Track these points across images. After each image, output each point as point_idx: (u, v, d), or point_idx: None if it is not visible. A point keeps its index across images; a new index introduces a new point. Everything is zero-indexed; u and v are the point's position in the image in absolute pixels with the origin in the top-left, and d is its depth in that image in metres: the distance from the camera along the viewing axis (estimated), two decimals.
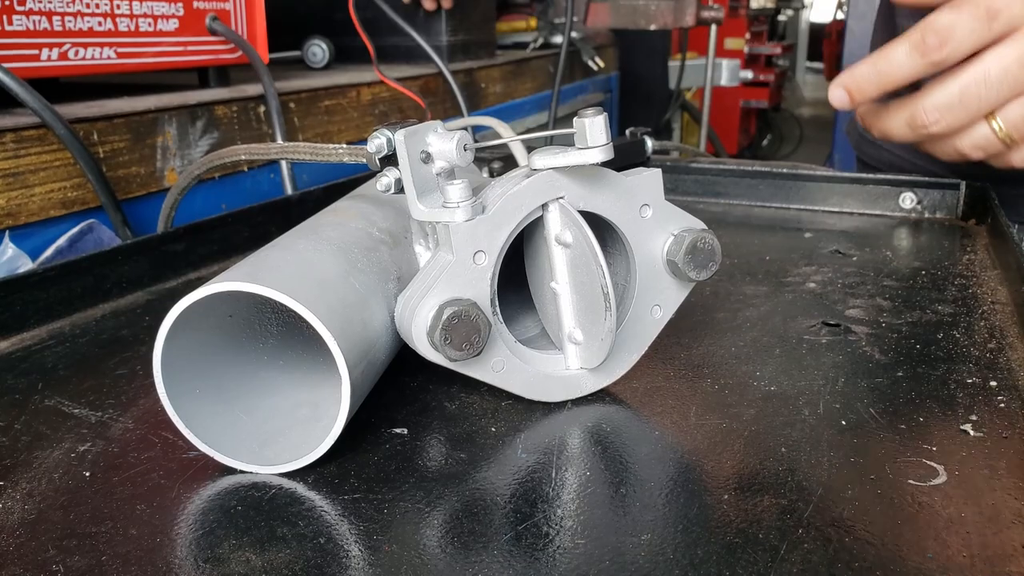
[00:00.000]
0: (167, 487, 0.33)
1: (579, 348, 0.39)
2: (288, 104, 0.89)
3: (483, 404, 0.39)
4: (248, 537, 0.29)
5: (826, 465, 0.33)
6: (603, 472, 0.34)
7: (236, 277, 0.32)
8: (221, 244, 0.63)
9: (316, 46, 1.13)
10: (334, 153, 0.42)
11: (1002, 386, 0.39)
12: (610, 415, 0.38)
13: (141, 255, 0.57)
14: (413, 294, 0.36)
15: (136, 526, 0.30)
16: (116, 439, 0.37)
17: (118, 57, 0.72)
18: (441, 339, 0.34)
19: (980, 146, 0.52)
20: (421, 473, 0.33)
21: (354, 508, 0.31)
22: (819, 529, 0.29)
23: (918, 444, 0.34)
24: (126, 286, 0.56)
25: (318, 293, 0.33)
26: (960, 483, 0.31)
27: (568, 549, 0.28)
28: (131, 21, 0.72)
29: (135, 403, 0.40)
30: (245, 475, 0.33)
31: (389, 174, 0.38)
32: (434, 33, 1.22)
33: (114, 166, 0.69)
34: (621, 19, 1.69)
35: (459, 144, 0.36)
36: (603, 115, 0.35)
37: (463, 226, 0.35)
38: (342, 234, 0.40)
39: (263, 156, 0.49)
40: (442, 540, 0.29)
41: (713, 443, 0.35)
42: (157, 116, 0.73)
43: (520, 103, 1.45)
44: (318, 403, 0.37)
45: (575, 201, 0.37)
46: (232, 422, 0.35)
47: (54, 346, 0.47)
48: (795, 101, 5.91)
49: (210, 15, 0.80)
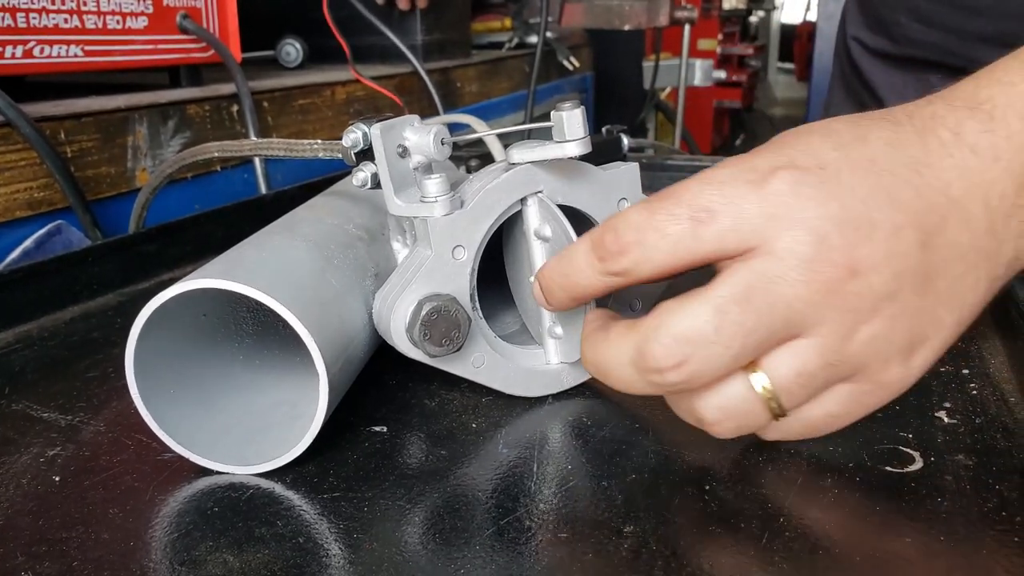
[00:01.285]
0: (141, 490, 0.32)
1: (559, 343, 0.38)
2: (262, 103, 0.88)
3: (463, 400, 0.39)
4: (225, 539, 0.29)
5: (805, 454, 0.33)
6: (584, 465, 0.33)
7: (210, 274, 0.32)
8: (194, 244, 0.62)
9: (290, 45, 1.12)
10: (309, 149, 0.42)
11: (974, 374, 0.40)
12: (591, 409, 0.38)
13: (112, 256, 0.56)
14: (391, 290, 0.36)
15: (109, 530, 0.30)
16: (87, 443, 0.36)
17: (85, 55, 0.70)
18: (420, 335, 0.34)
19: (730, 410, 0.30)
20: (401, 470, 0.33)
21: (334, 507, 0.31)
22: (800, 516, 0.29)
23: (894, 431, 0.35)
24: (96, 288, 0.55)
25: (294, 290, 0.33)
26: (936, 469, 0.32)
27: (551, 543, 0.28)
28: (98, 18, 0.71)
29: (107, 406, 0.39)
30: (222, 476, 0.33)
31: (365, 169, 0.37)
32: (409, 32, 1.21)
33: (83, 166, 0.68)
34: (595, 19, 1.69)
35: (436, 138, 0.36)
36: (580, 108, 0.34)
37: (442, 221, 0.35)
38: (318, 230, 0.39)
39: (236, 153, 0.49)
40: (423, 537, 0.29)
41: (692, 434, 0.35)
42: (127, 115, 0.72)
43: (496, 102, 1.45)
44: (296, 402, 0.36)
45: (553, 195, 0.37)
46: (208, 423, 0.34)
47: (21, 349, 0.46)
48: (767, 101, 5.97)
49: (181, 13, 0.79)
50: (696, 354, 0.28)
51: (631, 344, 0.29)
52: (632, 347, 0.29)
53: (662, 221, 0.29)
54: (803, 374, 0.28)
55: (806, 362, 0.28)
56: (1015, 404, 0.37)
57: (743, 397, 0.29)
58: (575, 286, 0.32)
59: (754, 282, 0.28)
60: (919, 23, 0.76)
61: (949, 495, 0.30)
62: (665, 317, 0.28)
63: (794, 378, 0.29)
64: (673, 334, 0.28)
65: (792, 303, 0.27)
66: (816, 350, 0.28)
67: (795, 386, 0.29)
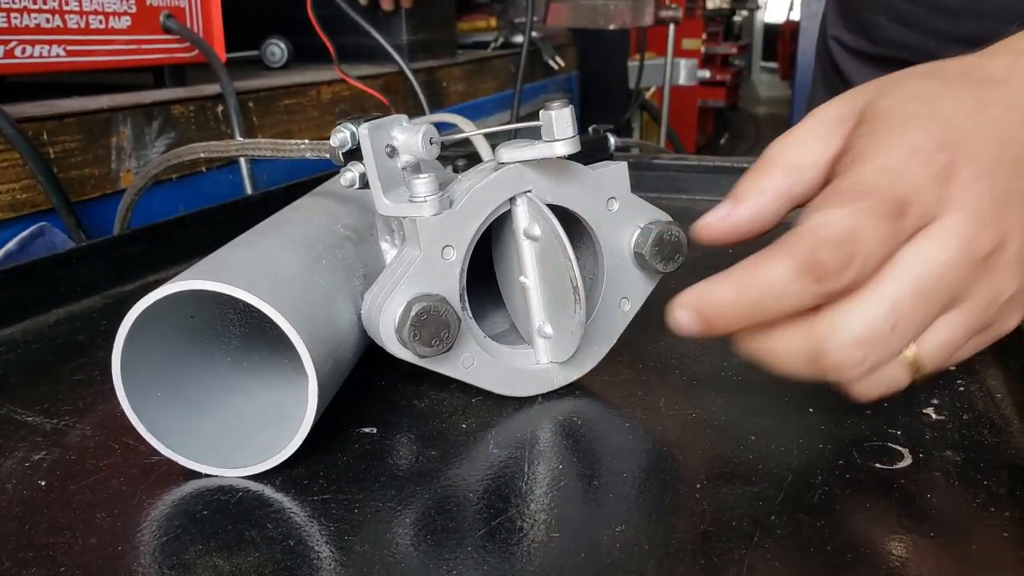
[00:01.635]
0: (129, 494, 0.32)
1: (549, 342, 0.38)
2: (247, 103, 0.87)
3: (453, 401, 0.39)
4: (215, 542, 0.29)
5: (795, 452, 0.33)
6: (575, 465, 0.33)
7: (198, 276, 0.31)
8: (180, 246, 0.61)
9: (274, 45, 1.11)
10: (296, 149, 0.42)
11: (960, 369, 0.40)
12: (581, 408, 0.38)
13: (97, 258, 0.55)
14: (380, 290, 0.36)
15: (96, 535, 0.29)
16: (73, 446, 0.35)
17: (68, 55, 0.70)
18: (410, 335, 0.34)
19: (888, 386, 0.32)
20: (392, 472, 0.33)
21: (324, 509, 0.30)
22: (791, 515, 0.29)
23: (883, 428, 0.35)
24: (81, 290, 0.54)
25: (283, 291, 0.32)
26: (925, 465, 0.32)
27: (543, 543, 0.28)
28: (81, 18, 0.70)
29: (93, 409, 0.39)
30: (211, 479, 0.33)
31: (353, 169, 0.37)
32: (394, 32, 1.21)
33: (66, 167, 0.67)
34: (580, 19, 1.70)
35: (425, 137, 0.36)
36: (569, 107, 0.34)
37: (431, 220, 0.35)
38: (306, 231, 0.39)
39: (223, 154, 0.48)
40: (415, 538, 0.29)
41: (684, 433, 0.35)
42: (111, 116, 0.71)
43: (482, 102, 1.45)
44: (284, 404, 0.36)
45: (542, 194, 0.37)
46: (196, 425, 0.34)
47: (5, 353, 0.45)
48: (751, 100, 6.00)
49: (164, 13, 0.79)
50: (873, 352, 0.29)
51: (805, 342, 0.30)
52: (807, 345, 0.30)
53: (870, 225, 0.28)
54: (951, 343, 0.31)
55: (955, 331, 0.31)
56: (1001, 400, 0.37)
57: (893, 370, 0.31)
58: (770, 315, 0.30)
59: (923, 273, 0.29)
60: (897, 24, 0.77)
61: (938, 491, 0.30)
62: (840, 318, 0.29)
63: (943, 347, 0.31)
64: (852, 337, 0.29)
65: (954, 284, 0.29)
66: (965, 320, 0.30)
67: (942, 352, 0.31)
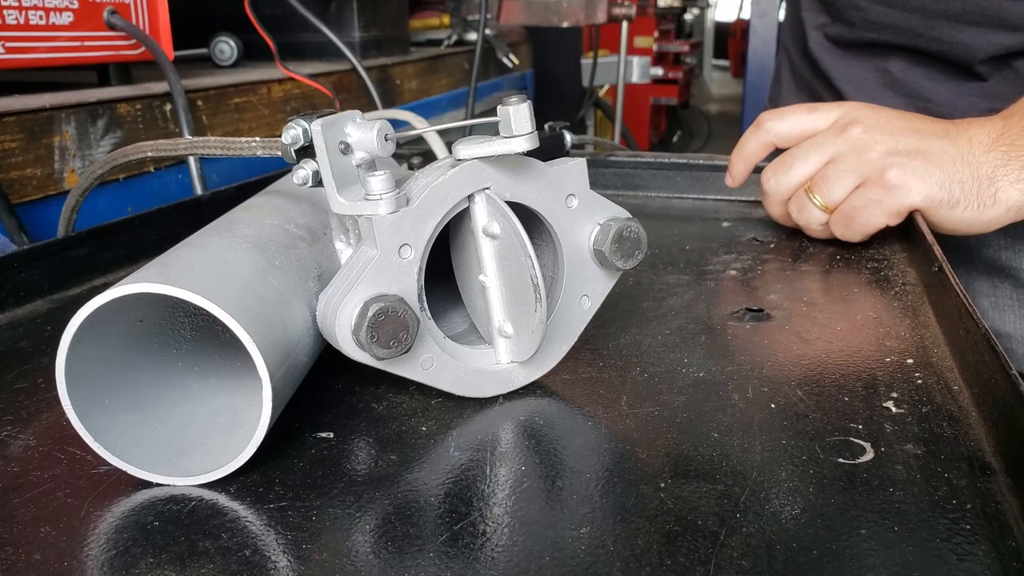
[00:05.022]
0: (75, 506, 0.30)
1: (509, 342, 0.38)
2: (196, 102, 0.85)
3: (412, 403, 0.38)
4: (167, 554, 0.28)
5: (758, 448, 0.33)
6: (538, 466, 0.33)
7: (146, 278, 0.30)
8: (128, 248, 0.59)
9: (224, 43, 1.09)
10: (247, 147, 0.41)
11: (918, 363, 0.41)
12: (542, 408, 0.38)
13: (40, 261, 0.53)
14: (336, 291, 0.35)
15: (40, 550, 0.28)
16: (16, 458, 0.34)
17: (6, 52, 0.67)
18: (367, 337, 0.33)
19: (812, 220, 0.61)
20: (350, 477, 0.32)
21: (281, 517, 0.30)
22: (756, 512, 0.29)
23: (844, 423, 0.35)
24: (23, 295, 0.52)
25: (234, 293, 0.31)
26: (886, 459, 0.32)
27: (507, 547, 0.28)
28: (20, 13, 0.67)
29: (37, 418, 0.37)
30: (162, 488, 0.31)
31: (306, 166, 0.36)
32: (346, 29, 1.19)
33: (6, 167, 0.65)
34: (534, 16, 1.69)
35: (380, 134, 0.35)
36: (527, 103, 0.34)
37: (387, 219, 0.34)
38: (258, 231, 0.38)
39: (171, 152, 0.47)
40: (375, 545, 0.28)
41: (646, 432, 0.35)
42: (53, 114, 0.69)
43: (436, 100, 1.43)
44: (238, 409, 0.35)
45: (501, 191, 0.36)
46: (146, 433, 0.33)
47: None
48: (703, 98, 6.07)
49: (108, 8, 0.76)
50: (775, 176, 0.63)
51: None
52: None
53: (802, 146, 0.62)
54: (834, 179, 0.59)
55: (836, 171, 0.59)
56: (958, 392, 0.37)
57: (813, 212, 0.61)
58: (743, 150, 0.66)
59: (843, 145, 0.59)
60: (880, 4, 0.77)
61: (900, 485, 0.30)
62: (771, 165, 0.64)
63: (829, 182, 0.59)
64: (768, 166, 0.65)
65: (824, 144, 0.60)
66: (841, 165, 0.59)
67: (831, 188, 0.59)
